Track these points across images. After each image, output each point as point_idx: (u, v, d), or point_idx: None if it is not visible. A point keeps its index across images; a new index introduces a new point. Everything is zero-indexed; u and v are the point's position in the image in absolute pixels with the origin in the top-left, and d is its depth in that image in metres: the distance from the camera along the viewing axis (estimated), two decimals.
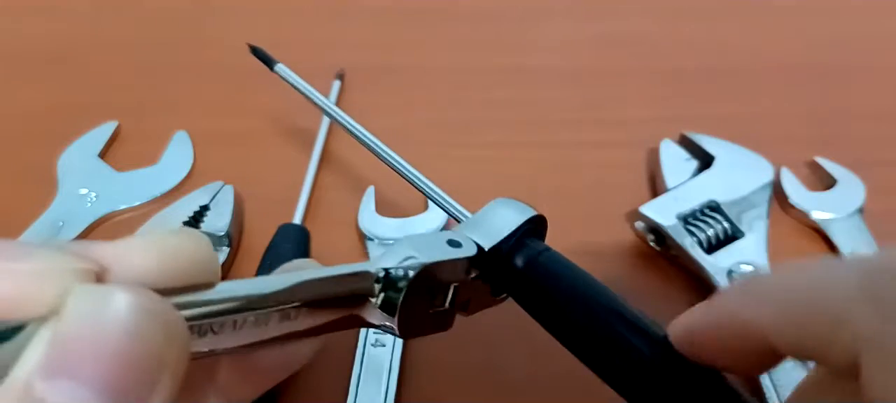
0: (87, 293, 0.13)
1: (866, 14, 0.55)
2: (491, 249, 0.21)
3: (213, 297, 0.15)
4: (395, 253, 0.18)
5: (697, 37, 0.52)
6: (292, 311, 0.16)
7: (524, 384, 0.30)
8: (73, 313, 0.13)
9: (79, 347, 0.12)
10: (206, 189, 0.37)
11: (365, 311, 0.18)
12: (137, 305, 0.13)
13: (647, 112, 0.45)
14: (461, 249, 0.20)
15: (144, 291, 0.13)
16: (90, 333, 0.12)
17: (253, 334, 0.16)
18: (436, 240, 0.19)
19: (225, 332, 0.15)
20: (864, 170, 0.38)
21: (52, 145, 0.41)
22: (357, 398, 0.28)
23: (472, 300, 0.22)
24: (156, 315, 0.13)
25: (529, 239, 0.21)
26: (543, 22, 0.54)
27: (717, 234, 0.34)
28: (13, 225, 0.36)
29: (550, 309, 0.21)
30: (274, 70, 0.34)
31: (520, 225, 0.21)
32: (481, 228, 0.21)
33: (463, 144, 0.42)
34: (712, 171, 0.37)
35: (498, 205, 0.22)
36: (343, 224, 0.37)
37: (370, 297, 0.18)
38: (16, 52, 0.51)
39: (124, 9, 0.55)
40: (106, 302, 0.13)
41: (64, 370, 0.12)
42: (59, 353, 0.12)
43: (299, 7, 0.55)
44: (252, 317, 0.16)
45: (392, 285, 0.18)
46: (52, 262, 0.13)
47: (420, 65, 0.49)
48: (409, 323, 0.18)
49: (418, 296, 0.18)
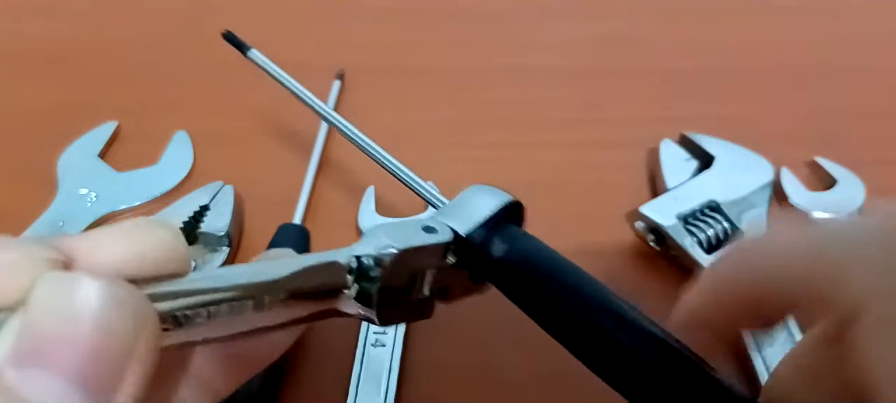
0: (54, 280, 0.13)
1: (866, 14, 0.55)
2: (467, 234, 0.20)
3: (182, 287, 0.15)
4: (368, 242, 0.18)
5: (697, 37, 0.52)
6: (267, 301, 0.16)
7: (524, 384, 0.30)
8: (39, 301, 0.13)
9: (47, 335, 0.12)
10: (206, 189, 0.37)
11: (341, 303, 0.18)
12: (104, 292, 0.13)
13: (647, 112, 0.45)
14: (436, 235, 0.20)
15: (111, 278, 0.13)
16: (57, 321, 0.13)
17: (228, 325, 0.16)
18: (410, 227, 0.19)
19: (197, 322, 0.15)
20: (864, 170, 0.38)
21: (52, 145, 0.41)
22: (357, 398, 0.28)
23: (452, 287, 0.21)
24: (123, 301, 0.13)
25: (507, 225, 0.21)
26: (543, 22, 0.54)
27: (717, 234, 0.34)
28: (13, 225, 0.36)
29: (530, 295, 0.20)
30: (247, 56, 0.34)
31: (497, 211, 0.21)
32: (457, 214, 0.21)
33: (463, 144, 0.42)
34: (712, 171, 0.37)
35: (474, 191, 0.22)
36: (343, 224, 0.37)
37: (344, 289, 0.18)
38: (16, 52, 0.51)
39: (124, 9, 0.55)
40: (73, 290, 0.13)
41: (33, 358, 0.12)
42: (27, 342, 0.12)
43: (299, 7, 0.55)
44: (226, 307, 0.15)
45: (365, 275, 0.18)
46: (20, 253, 0.13)
47: (420, 65, 0.49)
48: (388, 312, 0.18)
49: (395, 284, 0.18)
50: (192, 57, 0.50)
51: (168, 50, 0.51)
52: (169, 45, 0.51)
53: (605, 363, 0.19)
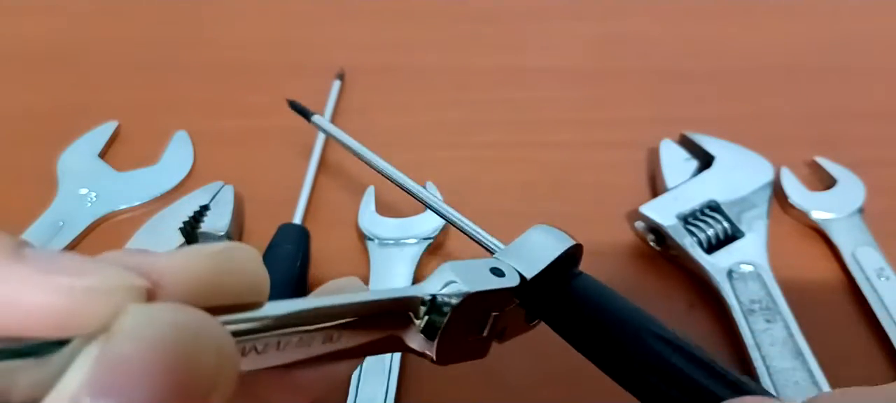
0: (139, 313, 0.13)
1: (866, 14, 0.55)
2: (532, 279, 0.20)
3: (262, 317, 0.15)
4: (438, 279, 0.18)
5: (697, 37, 0.52)
6: (335, 333, 0.16)
7: (524, 385, 0.30)
8: (123, 332, 0.12)
9: (128, 368, 0.12)
10: (206, 189, 0.37)
11: (406, 334, 0.18)
12: (189, 327, 0.13)
13: (647, 112, 0.45)
14: (505, 279, 0.20)
15: (196, 312, 0.13)
16: (140, 354, 0.12)
17: (295, 353, 0.16)
18: (479, 268, 0.19)
19: (269, 351, 0.15)
20: (864, 170, 0.38)
21: (52, 145, 0.41)
22: (357, 398, 0.28)
23: (508, 327, 0.22)
24: (208, 337, 0.13)
25: (566, 266, 0.22)
26: (543, 22, 0.54)
27: (717, 234, 0.34)
28: (13, 225, 0.36)
29: (590, 336, 0.21)
30: (310, 121, 0.34)
31: (560, 255, 0.21)
32: (521, 256, 0.21)
33: (463, 144, 0.42)
34: (712, 171, 0.37)
35: (537, 233, 0.22)
36: (343, 224, 0.37)
37: (415, 319, 0.18)
38: (16, 52, 0.51)
39: (124, 9, 0.55)
40: (157, 323, 0.12)
41: (112, 390, 0.12)
42: (107, 372, 0.12)
43: (299, 7, 0.55)
44: (296, 338, 0.15)
45: (437, 309, 0.18)
46: (106, 279, 0.13)
47: (420, 65, 0.49)
48: (447, 349, 0.18)
49: (459, 323, 0.18)
50: (192, 57, 0.50)
51: (168, 50, 0.51)
52: (169, 46, 0.51)
53: (660, 391, 0.19)
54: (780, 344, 0.30)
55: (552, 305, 0.21)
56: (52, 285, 0.13)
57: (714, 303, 0.33)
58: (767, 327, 0.31)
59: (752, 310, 0.31)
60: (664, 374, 0.19)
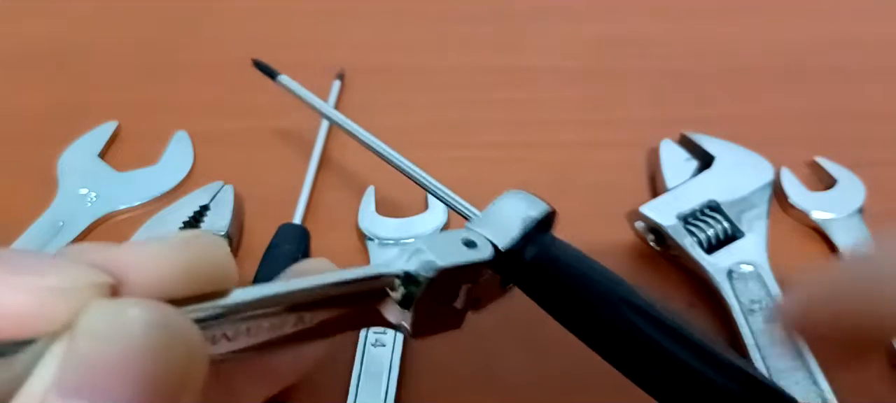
0: (101, 309, 0.13)
1: (867, 14, 0.55)
2: (506, 248, 0.20)
3: (229, 305, 0.14)
4: (410, 255, 0.18)
5: (698, 37, 0.52)
6: (307, 314, 0.16)
7: (523, 385, 0.30)
8: (87, 330, 0.12)
9: (95, 366, 0.12)
10: (206, 189, 0.37)
11: (381, 307, 0.18)
12: (154, 322, 0.12)
13: (647, 112, 0.45)
14: (477, 251, 0.19)
15: (161, 307, 0.13)
16: (106, 351, 0.12)
17: (267, 335, 0.16)
18: (451, 241, 0.19)
19: (239, 338, 0.15)
20: (864, 170, 0.38)
21: (52, 145, 0.41)
22: (357, 398, 0.28)
23: (483, 297, 0.21)
24: (174, 332, 0.13)
25: (539, 232, 0.21)
26: (543, 22, 0.54)
27: (717, 234, 0.34)
28: (13, 225, 0.36)
29: (564, 302, 0.20)
30: (276, 81, 0.34)
31: (534, 222, 0.21)
32: (494, 225, 0.21)
33: (463, 144, 0.42)
34: (712, 171, 0.37)
35: (509, 199, 0.22)
36: (343, 224, 0.37)
37: (391, 291, 0.18)
38: (16, 52, 0.51)
39: (124, 9, 0.55)
40: (122, 320, 0.12)
41: (79, 389, 0.12)
42: (73, 371, 0.12)
43: (299, 7, 0.55)
44: (266, 323, 0.15)
45: (413, 280, 0.18)
46: (68, 277, 0.13)
47: (420, 65, 0.49)
48: (423, 323, 0.18)
49: (433, 298, 0.18)
50: (192, 57, 0.50)
51: (168, 50, 0.51)
52: (169, 46, 0.51)
53: (634, 361, 0.19)
54: (780, 344, 0.30)
55: (527, 274, 0.21)
56: (12, 284, 0.13)
57: (714, 303, 0.33)
58: (767, 327, 0.31)
59: (752, 310, 0.31)
60: (640, 347, 0.19)
